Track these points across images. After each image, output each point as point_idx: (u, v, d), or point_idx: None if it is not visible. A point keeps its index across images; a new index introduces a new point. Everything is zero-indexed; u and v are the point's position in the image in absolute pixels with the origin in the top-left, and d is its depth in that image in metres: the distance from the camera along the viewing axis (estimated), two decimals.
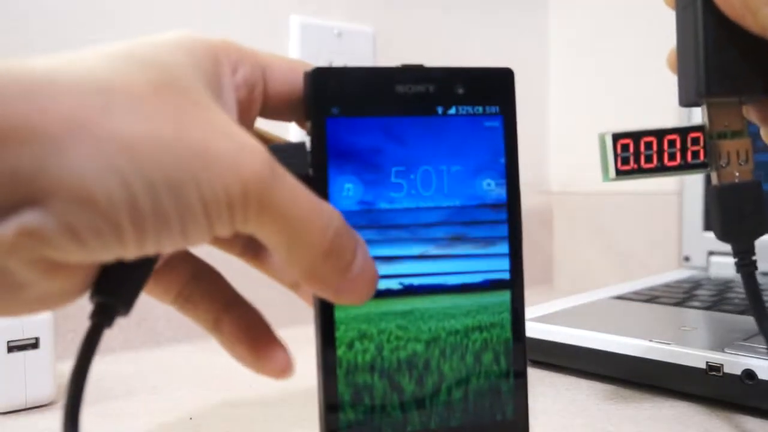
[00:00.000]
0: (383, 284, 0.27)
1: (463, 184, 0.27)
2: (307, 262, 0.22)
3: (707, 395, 0.37)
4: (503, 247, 0.28)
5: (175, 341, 0.55)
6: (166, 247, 0.21)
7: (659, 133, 0.30)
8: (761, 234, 0.30)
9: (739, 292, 0.55)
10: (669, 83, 0.31)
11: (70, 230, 0.19)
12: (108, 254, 0.20)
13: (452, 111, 0.27)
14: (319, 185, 0.26)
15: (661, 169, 0.30)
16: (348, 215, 0.26)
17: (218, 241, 0.28)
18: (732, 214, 0.30)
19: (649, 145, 0.30)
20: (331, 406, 0.26)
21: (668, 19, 0.31)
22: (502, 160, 0.28)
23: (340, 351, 0.26)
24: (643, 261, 0.74)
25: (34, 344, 0.39)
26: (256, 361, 0.27)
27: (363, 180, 0.26)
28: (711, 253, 0.66)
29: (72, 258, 0.20)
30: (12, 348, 0.39)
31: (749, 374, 0.35)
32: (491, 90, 0.28)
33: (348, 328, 0.26)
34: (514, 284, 0.28)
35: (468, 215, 0.27)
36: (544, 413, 0.37)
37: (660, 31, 0.71)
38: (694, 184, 0.68)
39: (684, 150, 0.30)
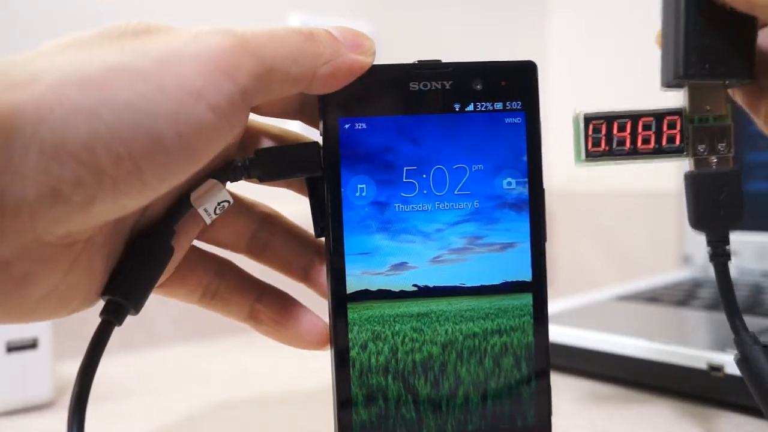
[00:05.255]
0: (397, 286, 0.26)
1: (482, 183, 0.26)
2: (308, 64, 0.23)
3: (708, 396, 0.38)
4: (524, 249, 0.27)
5: (174, 342, 0.55)
6: (171, 169, 0.21)
7: (634, 116, 0.29)
8: (735, 224, 0.29)
9: (740, 292, 0.55)
10: None
11: (50, 191, 0.19)
12: (99, 208, 0.20)
13: (470, 108, 0.26)
14: (332, 186, 0.26)
15: (634, 154, 0.29)
16: (361, 216, 0.26)
17: (224, 240, 0.28)
18: (707, 203, 0.29)
19: (622, 127, 0.29)
20: (344, 406, 0.26)
21: None
22: (525, 158, 0.27)
23: (354, 352, 0.26)
24: (643, 261, 0.74)
25: (33, 345, 0.39)
26: (301, 339, 0.28)
27: (376, 180, 0.26)
28: None
29: (61, 225, 0.20)
30: (11, 348, 0.38)
31: None
32: (512, 84, 0.27)
33: (361, 329, 0.26)
34: (537, 287, 0.27)
35: (487, 216, 0.26)
36: None
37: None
38: None
39: (659, 134, 0.29)
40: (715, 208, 0.29)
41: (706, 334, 0.45)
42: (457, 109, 0.26)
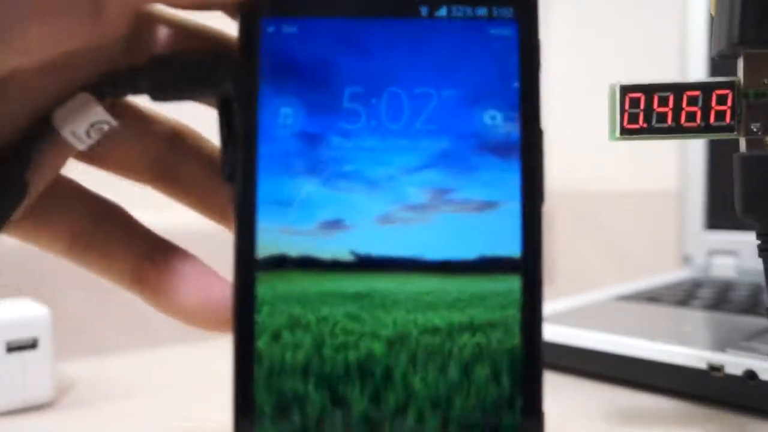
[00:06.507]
0: (328, 252, 0.19)
1: (455, 115, 0.19)
2: None
3: (709, 396, 0.37)
4: (512, 211, 0.19)
5: (174, 342, 0.55)
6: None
7: (678, 88, 0.25)
8: None
9: (741, 292, 0.55)
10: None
11: None
12: None
13: (442, 12, 0.19)
14: (246, 108, 0.19)
15: (677, 131, 0.25)
16: (284, 152, 0.19)
17: (116, 164, 0.22)
18: (759, 188, 0.25)
19: (664, 101, 0.25)
20: (245, 419, 0.19)
21: (673, 16, 0.31)
22: (516, 85, 0.19)
23: (261, 342, 0.19)
24: (643, 261, 0.74)
25: (33, 345, 0.39)
26: (186, 311, 0.21)
27: (307, 104, 0.19)
28: (712, 253, 0.66)
29: None
30: (11, 348, 0.38)
31: (751, 374, 0.35)
32: None
33: (274, 310, 0.19)
34: (529, 266, 0.19)
35: (460, 161, 0.19)
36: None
37: (664, 28, 0.71)
38: (695, 182, 0.68)
39: (707, 109, 0.25)
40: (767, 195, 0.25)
41: (706, 334, 0.44)
42: (424, 14, 0.19)
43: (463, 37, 0.19)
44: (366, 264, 0.19)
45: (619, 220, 0.76)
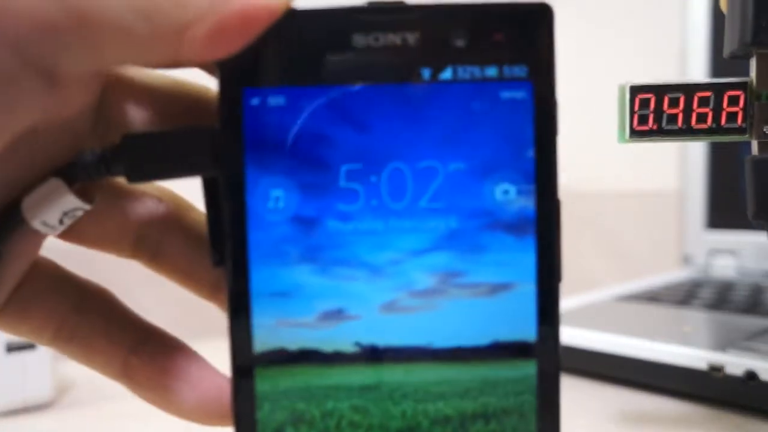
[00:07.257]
0: (331, 344, 0.17)
1: (464, 191, 0.17)
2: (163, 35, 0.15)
3: (709, 396, 0.36)
4: (527, 293, 0.18)
5: None
6: None
7: (689, 89, 0.25)
8: None
9: (741, 292, 0.55)
10: None
11: None
12: None
13: (446, 74, 0.17)
14: (232, 191, 0.17)
15: (687, 133, 0.25)
16: (277, 239, 0.17)
17: (95, 241, 0.20)
18: None
19: (674, 102, 0.25)
20: None
21: (673, 16, 0.31)
22: (531, 154, 0.17)
23: None
24: (644, 261, 0.74)
25: (33, 345, 0.39)
26: (179, 406, 0.19)
27: (300, 185, 0.17)
28: (712, 253, 0.66)
29: None
30: (11, 348, 0.38)
31: (751, 375, 0.35)
32: (514, 40, 0.17)
33: (276, 407, 0.18)
34: (545, 350, 0.18)
35: (470, 241, 0.17)
36: None
37: (665, 28, 0.71)
38: (695, 182, 0.68)
39: (718, 111, 0.25)
40: None
41: (706, 334, 0.44)
42: (426, 78, 0.17)
43: (471, 101, 0.17)
44: (371, 355, 0.18)
45: (619, 221, 0.76)
